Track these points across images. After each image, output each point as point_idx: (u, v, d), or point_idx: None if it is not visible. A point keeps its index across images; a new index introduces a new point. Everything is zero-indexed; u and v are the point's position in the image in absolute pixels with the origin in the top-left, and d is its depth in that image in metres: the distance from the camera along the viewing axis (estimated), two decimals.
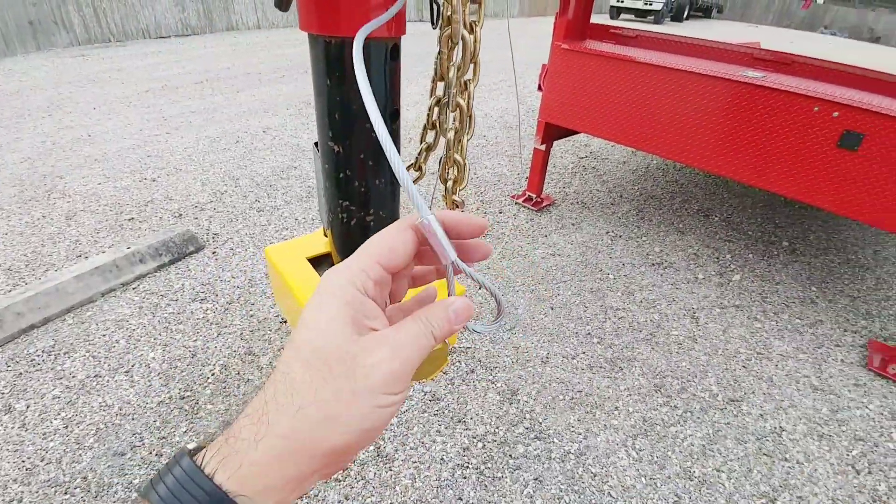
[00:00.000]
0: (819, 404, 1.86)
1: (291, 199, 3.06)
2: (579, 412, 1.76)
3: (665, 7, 17.32)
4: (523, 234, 2.86)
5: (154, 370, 1.80)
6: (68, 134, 3.87)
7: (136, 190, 3.05)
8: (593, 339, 2.10)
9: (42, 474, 1.42)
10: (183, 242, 2.48)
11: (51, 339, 1.89)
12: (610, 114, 2.50)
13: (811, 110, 1.92)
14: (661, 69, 2.25)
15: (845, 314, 2.37)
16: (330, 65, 0.61)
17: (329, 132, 0.66)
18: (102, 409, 1.63)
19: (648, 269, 2.60)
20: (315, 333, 0.29)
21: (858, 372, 2.02)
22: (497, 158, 3.90)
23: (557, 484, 1.51)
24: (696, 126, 2.23)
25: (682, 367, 1.98)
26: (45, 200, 2.88)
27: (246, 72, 6.09)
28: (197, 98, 4.93)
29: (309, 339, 0.29)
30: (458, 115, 0.70)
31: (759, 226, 3.13)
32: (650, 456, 1.62)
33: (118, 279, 2.20)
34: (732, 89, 2.09)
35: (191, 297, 2.18)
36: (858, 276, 2.69)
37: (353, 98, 0.63)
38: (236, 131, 4.10)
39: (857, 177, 1.90)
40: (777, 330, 2.23)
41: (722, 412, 1.80)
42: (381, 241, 0.32)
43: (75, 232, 2.58)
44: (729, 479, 1.56)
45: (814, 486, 1.55)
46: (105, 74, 5.66)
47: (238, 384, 1.76)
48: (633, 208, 3.24)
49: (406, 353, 0.30)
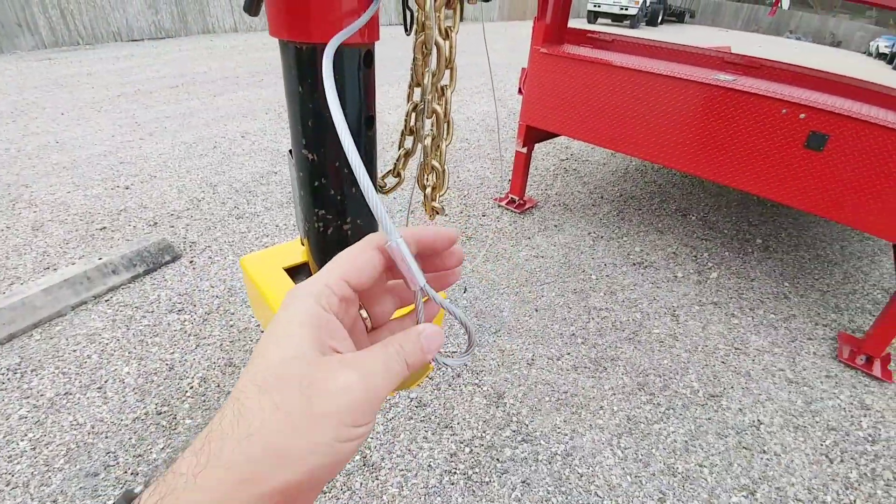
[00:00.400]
0: (794, 396, 1.91)
1: (272, 205, 3.01)
2: (565, 413, 1.77)
3: (640, 12, 17.72)
4: (507, 236, 2.87)
5: (129, 385, 1.74)
6: (34, 140, 3.73)
7: (109, 198, 2.96)
8: (577, 339, 2.12)
9: (8, 500, 1.36)
10: (158, 252, 2.41)
11: (16, 357, 1.82)
12: (588, 116, 2.54)
13: (779, 112, 1.98)
14: (636, 72, 2.29)
15: (816, 308, 2.44)
16: (301, 71, 0.60)
17: (303, 140, 0.65)
18: (73, 427, 1.57)
19: (630, 269, 2.63)
20: (272, 354, 0.26)
21: (830, 364, 2.09)
22: (479, 161, 3.92)
23: (545, 486, 1.51)
24: (671, 128, 2.28)
25: (664, 365, 2.01)
26: (9, 211, 2.77)
27: (223, 75, 5.98)
28: (172, 102, 4.81)
29: (265, 361, 0.26)
30: (435, 121, 0.69)
31: (734, 224, 3.21)
32: (635, 454, 1.63)
33: (89, 291, 2.13)
34: (705, 92, 2.14)
35: (167, 308, 2.12)
36: (827, 270, 2.78)
37: (325, 105, 0.62)
38: (214, 136, 4.02)
39: (822, 176, 1.97)
40: (753, 325, 2.28)
41: (703, 408, 1.83)
42: (347, 257, 0.31)
43: (43, 243, 2.49)
44: (711, 473, 1.59)
45: (791, 477, 1.59)
46: (74, 79, 5.49)
47: (218, 397, 1.72)
48: (613, 209, 3.28)
49: (376, 381, 0.27)
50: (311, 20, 0.55)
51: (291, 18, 0.56)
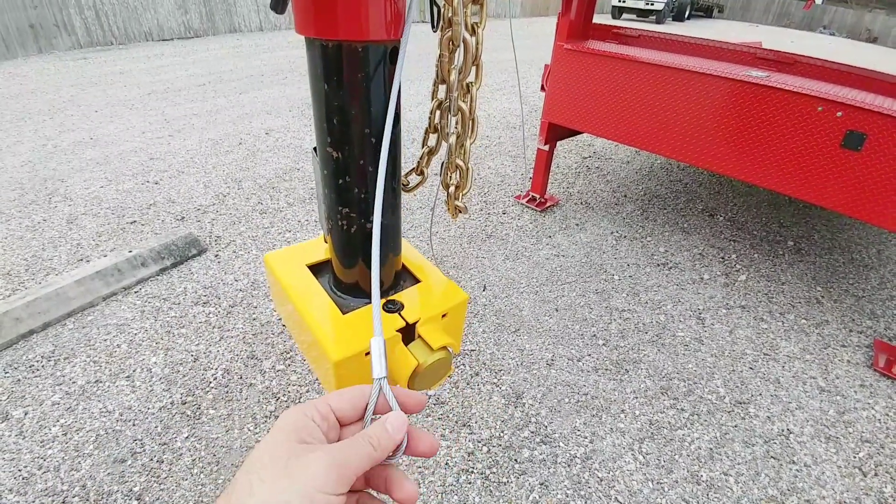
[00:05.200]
0: (826, 406, 1.83)
1: (294, 200, 3.06)
2: (585, 415, 1.74)
3: (667, 7, 17.27)
4: (527, 234, 2.84)
5: (156, 375, 1.79)
6: (70, 137, 3.87)
7: (139, 193, 3.05)
8: (599, 340, 2.08)
9: (39, 483, 1.41)
10: (185, 245, 2.48)
11: (51, 345, 1.89)
12: (613, 114, 2.49)
13: (815, 110, 1.90)
14: (664, 68, 2.23)
15: (850, 314, 2.34)
16: (327, 69, 0.60)
17: (327, 137, 0.65)
18: (103, 415, 1.63)
19: (653, 270, 2.58)
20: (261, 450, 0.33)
21: (864, 372, 2.00)
22: (500, 159, 3.89)
23: (563, 489, 1.49)
24: (700, 125, 2.22)
25: (689, 369, 1.96)
26: (45, 204, 2.88)
27: (249, 74, 6.09)
28: (199, 100, 4.93)
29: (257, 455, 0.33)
30: (460, 119, 0.68)
31: (763, 225, 3.11)
32: (657, 460, 1.60)
33: (120, 283, 2.20)
34: (736, 89, 2.07)
35: (193, 300, 2.17)
36: (863, 275, 2.67)
37: (351, 103, 0.61)
38: (239, 133, 4.10)
39: (860, 177, 1.88)
40: (783, 330, 2.20)
41: (729, 415, 1.78)
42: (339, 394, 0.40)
43: (76, 235, 2.58)
44: (737, 482, 1.54)
45: (821, 490, 1.53)
46: (107, 77, 5.67)
47: (241, 388, 1.75)
48: (637, 208, 3.22)
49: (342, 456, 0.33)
50: (338, 18, 0.55)
51: (318, 16, 0.56)
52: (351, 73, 0.60)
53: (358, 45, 0.58)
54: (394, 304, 0.77)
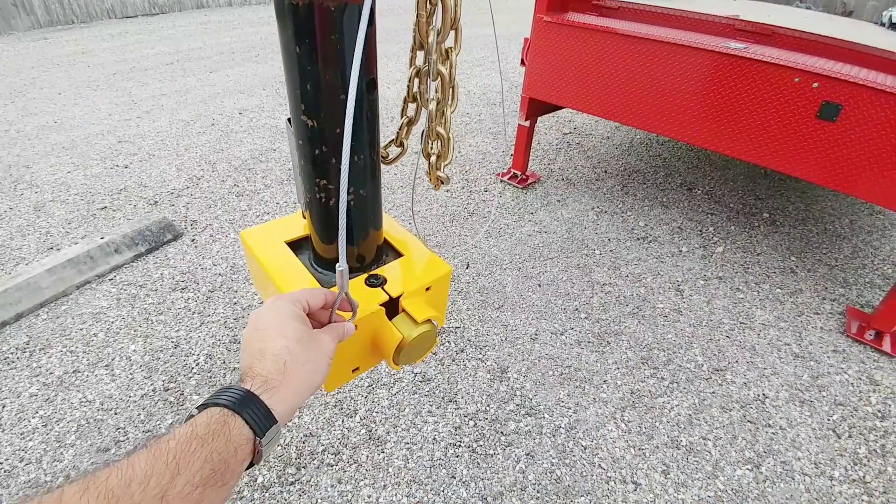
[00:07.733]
0: (800, 371, 1.91)
1: (272, 182, 2.98)
2: (569, 387, 1.78)
3: None
4: (509, 211, 2.84)
5: (136, 363, 1.75)
6: (33, 121, 3.68)
7: (108, 177, 2.94)
8: (581, 314, 2.11)
9: (22, 475, 1.38)
10: (160, 230, 2.40)
11: (25, 336, 1.83)
12: (593, 87, 2.47)
13: (792, 81, 1.92)
14: (643, 40, 2.21)
15: (824, 283, 2.42)
16: (299, 31, 0.57)
17: (301, 105, 0.62)
18: (83, 404, 1.59)
19: (634, 244, 2.61)
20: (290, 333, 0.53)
21: (837, 339, 2.08)
22: (481, 136, 3.85)
23: (549, 458, 1.53)
24: (679, 98, 2.22)
25: (668, 339, 2.01)
26: (11, 192, 2.75)
27: (219, 51, 5.85)
28: (168, 80, 4.73)
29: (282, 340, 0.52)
30: (440, 84, 0.66)
31: (740, 198, 3.17)
32: (639, 427, 1.65)
33: (93, 271, 2.13)
34: (715, 60, 2.07)
35: (171, 286, 2.12)
36: (835, 245, 2.75)
37: (325, 66, 0.59)
38: (211, 113, 3.96)
39: (834, 147, 1.91)
40: (759, 300, 2.27)
41: (707, 382, 1.83)
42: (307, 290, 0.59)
43: (45, 223, 2.48)
44: (715, 446, 1.60)
45: (797, 451, 1.60)
46: (69, 57, 5.39)
47: (224, 373, 1.73)
48: (617, 183, 3.24)
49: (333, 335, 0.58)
50: None
51: None
52: (323, 34, 0.57)
53: (330, 4, 0.55)
54: (376, 278, 0.75)
